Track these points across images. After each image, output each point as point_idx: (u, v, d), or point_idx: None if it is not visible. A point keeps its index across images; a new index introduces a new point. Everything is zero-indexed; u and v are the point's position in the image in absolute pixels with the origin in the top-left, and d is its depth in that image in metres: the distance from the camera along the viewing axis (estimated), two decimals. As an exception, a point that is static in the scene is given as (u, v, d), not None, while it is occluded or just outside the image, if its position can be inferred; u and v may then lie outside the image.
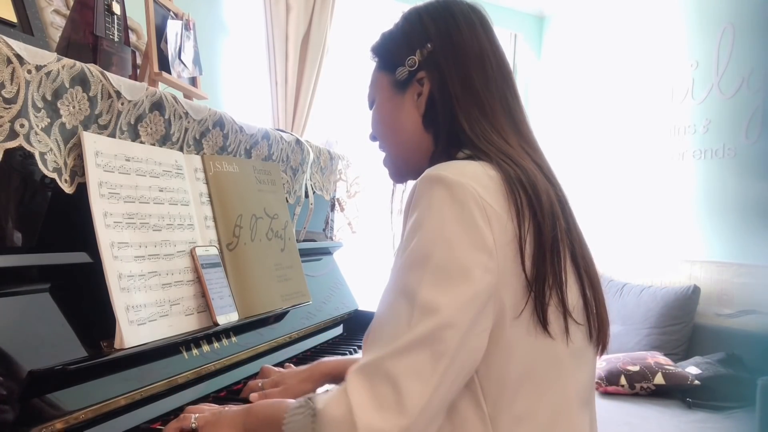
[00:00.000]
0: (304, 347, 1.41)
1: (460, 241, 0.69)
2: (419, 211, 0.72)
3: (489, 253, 0.69)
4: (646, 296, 3.18)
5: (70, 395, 0.79)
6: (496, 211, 0.71)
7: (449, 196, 0.71)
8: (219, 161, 1.20)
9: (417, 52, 0.86)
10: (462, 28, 0.86)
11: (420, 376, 0.65)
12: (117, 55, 1.11)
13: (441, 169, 0.74)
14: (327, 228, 1.90)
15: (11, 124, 0.78)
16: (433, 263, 0.68)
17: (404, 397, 0.65)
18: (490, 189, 0.72)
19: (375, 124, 0.94)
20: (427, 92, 0.85)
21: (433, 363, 0.66)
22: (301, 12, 2.85)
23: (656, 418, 2.42)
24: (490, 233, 0.70)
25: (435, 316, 0.67)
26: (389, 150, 0.93)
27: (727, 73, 3.13)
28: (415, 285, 0.69)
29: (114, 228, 0.90)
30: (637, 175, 3.56)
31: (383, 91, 0.91)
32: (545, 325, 0.72)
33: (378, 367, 0.67)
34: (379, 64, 0.93)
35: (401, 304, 0.69)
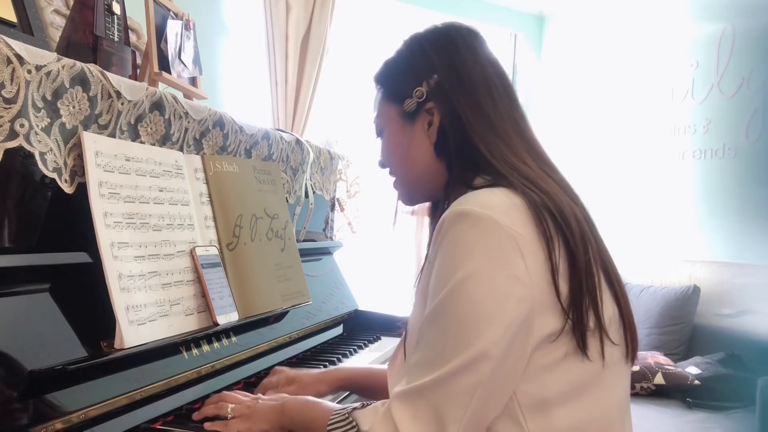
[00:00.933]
0: (304, 347, 1.41)
1: (492, 275, 0.71)
2: (448, 247, 0.74)
3: (522, 284, 0.71)
4: (646, 296, 3.18)
5: (70, 395, 0.79)
6: (526, 238, 0.72)
7: (476, 232, 0.72)
8: (219, 161, 1.20)
9: (423, 83, 0.87)
10: (465, 55, 0.87)
11: (458, 403, 0.71)
12: (117, 55, 1.11)
13: (466, 203, 0.75)
14: (327, 228, 1.90)
15: (11, 124, 0.78)
16: (466, 299, 0.71)
17: (445, 420, 0.71)
18: (515, 218, 0.73)
19: (386, 154, 0.94)
20: (438, 122, 0.86)
21: (470, 391, 0.71)
22: (301, 12, 2.85)
23: (656, 418, 2.42)
24: (522, 263, 0.71)
25: (471, 349, 0.71)
26: (402, 179, 0.94)
27: (727, 73, 3.13)
28: (449, 321, 0.72)
29: (114, 228, 0.90)
30: (637, 175, 3.56)
31: (392, 123, 0.91)
32: (584, 350, 0.74)
33: (421, 393, 0.73)
34: (384, 95, 0.93)
35: (438, 338, 0.73)
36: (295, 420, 0.87)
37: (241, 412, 0.90)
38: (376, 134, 0.96)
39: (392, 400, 0.75)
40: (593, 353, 0.75)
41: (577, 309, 0.73)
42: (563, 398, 0.74)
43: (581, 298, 0.73)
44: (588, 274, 0.75)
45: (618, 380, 0.80)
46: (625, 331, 0.81)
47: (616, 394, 0.79)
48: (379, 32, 3.37)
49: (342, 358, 1.39)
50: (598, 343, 0.75)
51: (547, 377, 0.74)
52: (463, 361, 0.71)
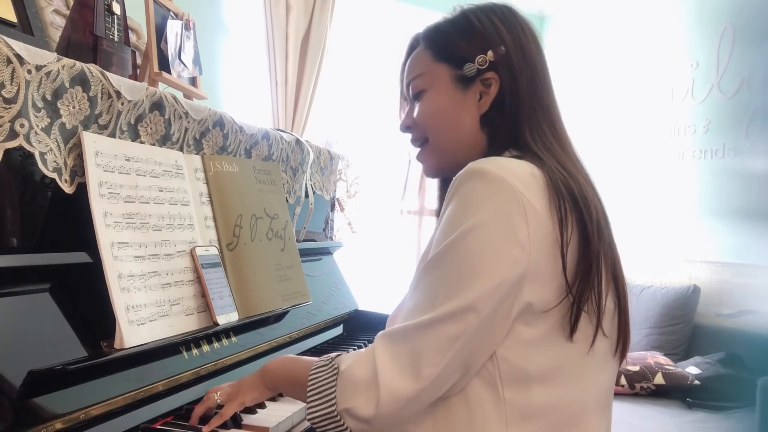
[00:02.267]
0: (304, 347, 1.41)
1: (493, 233, 0.72)
2: (458, 200, 0.75)
3: (521, 247, 0.72)
4: (646, 296, 3.18)
5: (70, 395, 0.79)
6: (535, 208, 0.73)
7: (488, 189, 0.73)
8: (219, 161, 1.19)
9: (489, 51, 0.85)
10: (528, 36, 0.88)
11: (438, 350, 0.72)
12: (117, 55, 1.11)
13: (484, 162, 0.76)
14: (327, 228, 1.90)
15: (11, 124, 0.78)
16: (464, 251, 0.73)
17: (423, 365, 0.72)
18: (530, 186, 0.74)
19: (426, 116, 0.89)
20: (495, 93, 0.85)
21: (452, 340, 0.72)
22: (301, 12, 2.85)
23: (656, 418, 2.41)
24: (525, 228, 0.72)
25: (459, 299, 0.72)
26: (440, 144, 0.90)
27: (727, 73, 3.13)
28: (446, 269, 0.74)
29: (114, 228, 0.90)
30: (637, 175, 3.56)
31: (441, 84, 0.88)
32: (572, 332, 0.75)
33: (404, 336, 0.75)
34: (437, 54, 0.88)
35: (432, 284, 0.75)
36: (279, 375, 0.89)
37: (228, 393, 0.93)
38: (411, 96, 0.92)
39: (377, 340, 0.77)
40: (580, 337, 0.75)
41: (581, 290, 0.74)
42: (542, 375, 0.75)
43: (587, 280, 0.74)
44: (598, 263, 0.76)
45: (601, 372, 0.80)
46: (619, 328, 0.82)
47: (596, 383, 0.80)
48: (379, 32, 3.37)
49: (342, 358, 1.39)
50: (591, 330, 0.76)
51: (531, 351, 0.75)
52: (451, 309, 0.72)
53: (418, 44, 0.92)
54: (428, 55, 0.89)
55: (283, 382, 0.89)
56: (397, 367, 0.73)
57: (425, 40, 0.91)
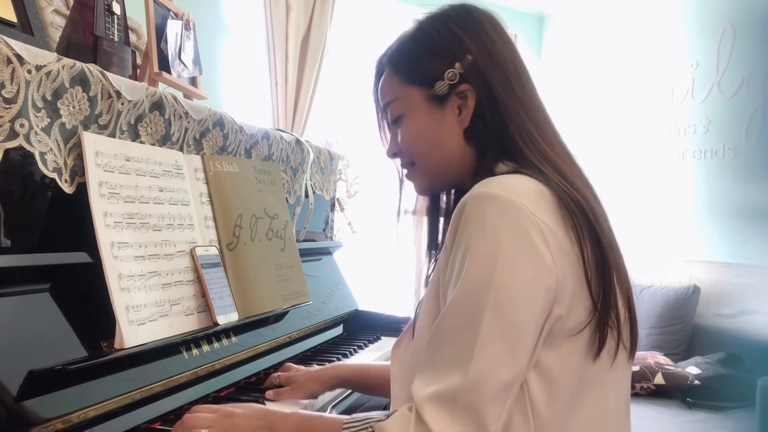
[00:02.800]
0: (304, 347, 1.41)
1: (520, 261, 0.68)
2: (471, 231, 0.70)
3: (549, 272, 0.69)
4: (646, 296, 3.18)
5: (70, 395, 0.79)
6: (551, 228, 0.70)
7: (501, 215, 0.69)
8: (219, 161, 1.19)
9: (456, 63, 0.81)
10: (492, 36, 0.83)
11: (498, 401, 0.68)
12: (117, 55, 1.11)
13: (489, 186, 0.72)
14: (327, 228, 1.90)
15: (11, 124, 0.78)
16: (495, 285, 0.68)
17: (487, 423, 0.67)
18: (541, 206, 0.71)
19: (408, 142, 0.86)
20: (473, 105, 0.81)
21: (508, 386, 0.68)
22: (301, 12, 2.85)
23: (656, 418, 2.41)
24: (548, 251, 0.69)
25: (506, 340, 0.67)
26: (427, 167, 0.87)
27: (727, 73, 3.13)
28: (479, 309, 0.68)
29: (114, 228, 0.90)
30: (637, 175, 3.56)
31: (417, 107, 0.85)
32: (600, 349, 0.72)
33: (456, 396, 0.67)
34: (404, 78, 0.86)
35: (466, 328, 0.69)
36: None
37: None
38: (390, 122, 0.89)
39: (422, 405, 0.69)
40: (604, 353, 0.73)
41: (605, 307, 0.72)
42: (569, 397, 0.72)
43: (609, 297, 0.72)
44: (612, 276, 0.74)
45: (621, 380, 0.80)
46: (632, 335, 0.81)
47: (618, 393, 0.79)
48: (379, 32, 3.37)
49: (342, 358, 1.39)
50: (614, 344, 0.74)
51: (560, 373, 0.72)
52: (500, 352, 0.67)
53: (384, 69, 0.90)
54: (397, 79, 0.86)
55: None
56: (458, 430, 0.67)
57: (391, 65, 0.88)
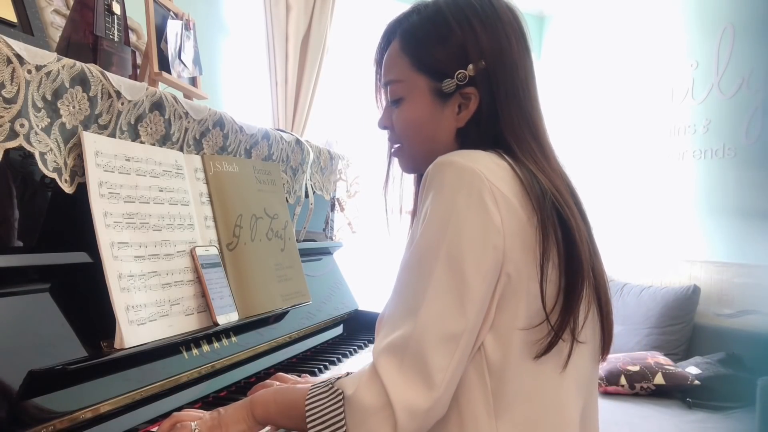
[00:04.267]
0: (304, 347, 1.41)
1: (471, 220, 0.72)
2: (432, 194, 0.75)
3: (497, 232, 0.72)
4: (646, 296, 3.18)
5: (70, 395, 0.79)
6: (504, 194, 0.73)
7: (458, 179, 0.73)
8: (219, 161, 1.20)
9: (469, 66, 0.81)
10: (512, 42, 0.83)
11: (445, 350, 0.70)
12: (117, 55, 1.11)
13: (451, 155, 0.76)
14: (327, 228, 1.90)
15: (11, 124, 0.78)
16: (447, 241, 0.72)
17: (432, 371, 0.69)
18: (498, 175, 0.74)
19: (402, 125, 0.88)
20: (474, 109, 0.82)
21: (455, 338, 0.70)
22: (301, 12, 2.85)
23: (656, 418, 2.42)
24: (498, 213, 0.72)
25: (453, 293, 0.70)
26: (413, 152, 0.89)
27: (727, 73, 3.13)
28: (430, 263, 0.72)
29: (114, 228, 0.90)
30: (637, 175, 3.56)
31: (419, 96, 0.85)
32: (542, 354, 0.74)
33: (405, 345, 0.71)
34: (416, 64, 0.85)
35: (418, 281, 0.73)
36: (270, 408, 0.81)
37: (209, 426, 0.81)
38: (390, 100, 0.89)
39: (377, 356, 0.73)
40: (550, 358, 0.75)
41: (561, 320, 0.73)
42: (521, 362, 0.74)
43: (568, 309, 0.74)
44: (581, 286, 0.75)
45: (579, 360, 0.79)
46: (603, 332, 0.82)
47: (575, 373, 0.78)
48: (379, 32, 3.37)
49: (342, 358, 1.39)
50: (565, 356, 0.76)
51: (509, 341, 0.74)
52: (446, 304, 0.70)
53: (393, 38, 0.88)
54: (406, 62, 0.85)
55: (276, 412, 0.80)
56: (406, 380, 0.70)
57: (403, 41, 0.86)
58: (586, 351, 0.80)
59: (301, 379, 1.09)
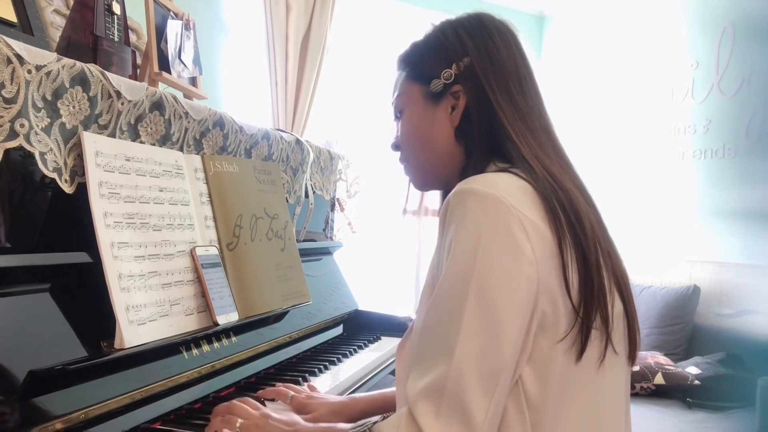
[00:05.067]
0: (304, 347, 1.41)
1: (500, 252, 0.69)
2: (454, 225, 0.72)
3: (529, 263, 0.69)
4: (646, 296, 3.18)
5: (70, 395, 0.79)
6: (532, 221, 0.71)
7: (482, 209, 0.71)
8: (219, 161, 1.19)
9: (453, 65, 0.85)
10: (498, 43, 0.86)
11: (483, 391, 0.67)
12: (117, 55, 1.11)
13: (471, 182, 0.74)
14: (327, 228, 1.90)
15: (11, 124, 0.78)
16: (476, 277, 0.69)
17: (472, 414, 0.66)
18: (522, 200, 0.72)
19: (404, 135, 0.91)
20: (463, 105, 0.85)
21: (494, 376, 0.68)
22: (301, 12, 2.85)
23: (656, 418, 2.42)
24: (528, 243, 0.69)
25: (486, 331, 0.68)
26: (419, 161, 0.91)
27: (728, 73, 3.13)
28: (461, 301, 0.69)
29: (114, 228, 0.90)
30: (637, 175, 3.56)
31: (415, 103, 0.89)
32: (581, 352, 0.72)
33: (441, 387, 0.68)
34: (409, 74, 0.91)
35: (449, 320, 0.70)
36: None
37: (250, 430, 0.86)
38: (395, 116, 0.94)
39: (412, 400, 0.70)
40: (590, 355, 0.73)
41: (587, 310, 0.72)
42: (561, 389, 0.72)
43: (592, 299, 0.72)
44: (599, 276, 0.74)
45: (613, 384, 0.78)
46: (629, 334, 0.81)
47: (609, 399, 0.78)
48: (379, 32, 3.37)
49: (342, 358, 1.39)
50: (601, 347, 0.74)
51: (550, 367, 0.72)
52: (482, 343, 0.67)
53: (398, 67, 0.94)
54: (404, 75, 0.91)
55: None
56: (445, 425, 0.67)
57: (401, 62, 0.93)
58: (620, 361, 0.79)
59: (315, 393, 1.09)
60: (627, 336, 0.81)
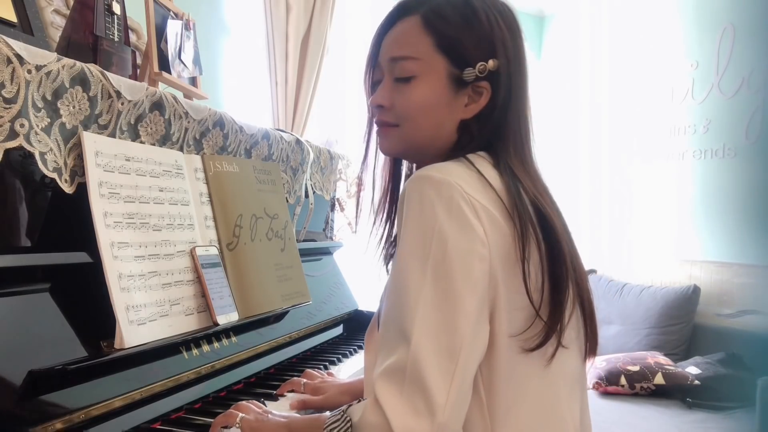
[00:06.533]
0: (304, 347, 1.41)
1: (454, 232, 0.70)
2: (410, 209, 0.73)
3: (482, 243, 0.71)
4: (646, 296, 3.18)
5: (70, 395, 0.79)
6: (484, 205, 0.72)
7: (437, 194, 0.72)
8: (219, 161, 1.19)
9: (491, 60, 0.80)
10: (524, 49, 0.84)
11: (443, 371, 0.67)
12: (117, 55, 1.11)
13: (428, 169, 0.75)
14: (327, 228, 1.90)
15: (11, 124, 0.78)
16: (432, 257, 0.70)
17: (433, 394, 0.67)
18: (475, 187, 0.74)
19: (410, 107, 0.83)
20: (485, 103, 0.82)
21: (454, 355, 0.68)
22: (301, 12, 2.85)
23: (656, 418, 2.41)
24: (480, 225, 0.71)
25: (445, 308, 0.69)
26: (411, 135, 0.84)
27: (727, 73, 3.13)
28: (417, 281, 0.70)
29: (114, 228, 0.90)
30: (637, 175, 3.56)
31: (436, 79, 0.82)
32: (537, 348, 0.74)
33: (402, 369, 0.68)
34: (438, 43, 0.81)
35: (407, 301, 0.70)
36: None
37: (249, 425, 0.87)
38: (397, 76, 0.83)
39: (376, 382, 0.70)
40: (538, 353, 0.75)
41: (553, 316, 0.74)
42: (510, 371, 0.74)
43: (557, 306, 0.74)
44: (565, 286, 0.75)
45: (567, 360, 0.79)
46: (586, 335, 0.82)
47: (563, 371, 0.79)
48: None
49: (342, 358, 1.39)
50: (554, 347, 0.75)
51: (496, 349, 0.73)
52: (440, 321, 0.68)
53: (410, 14, 0.83)
54: (428, 40, 0.81)
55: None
56: (407, 405, 0.67)
57: (426, 19, 0.82)
58: (572, 352, 0.80)
59: (327, 377, 1.15)
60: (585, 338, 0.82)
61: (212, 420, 0.91)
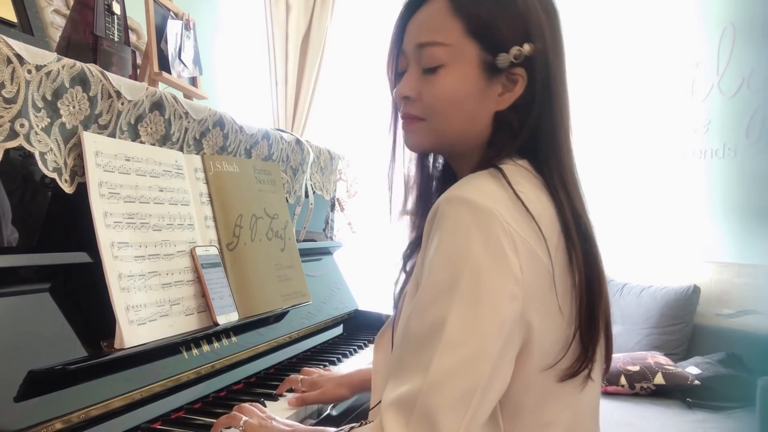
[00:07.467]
0: (304, 347, 1.41)
1: (488, 268, 0.65)
2: (443, 233, 0.68)
3: (516, 281, 0.66)
4: (646, 296, 3.18)
5: (70, 395, 0.79)
6: (524, 238, 0.67)
7: (475, 221, 0.66)
8: (219, 161, 1.19)
9: (526, 45, 0.73)
10: (561, 29, 0.77)
11: (456, 411, 0.64)
12: (117, 55, 1.11)
13: (465, 190, 0.69)
14: (327, 228, 1.90)
15: (11, 124, 0.78)
16: (461, 291, 0.65)
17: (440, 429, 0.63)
18: (514, 215, 0.67)
19: (439, 99, 0.75)
20: (521, 92, 0.75)
21: (468, 396, 0.64)
22: (301, 12, 2.85)
23: (656, 418, 2.41)
24: (516, 261, 0.66)
25: (465, 346, 0.65)
26: (441, 129, 0.77)
27: (728, 73, 3.13)
28: (443, 313, 0.65)
29: (114, 228, 0.90)
30: (637, 176, 3.56)
31: (467, 66, 0.74)
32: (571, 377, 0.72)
33: (413, 402, 0.65)
34: (469, 27, 0.74)
35: (429, 332, 0.66)
36: None
37: (253, 430, 0.85)
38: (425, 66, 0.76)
39: (384, 409, 0.67)
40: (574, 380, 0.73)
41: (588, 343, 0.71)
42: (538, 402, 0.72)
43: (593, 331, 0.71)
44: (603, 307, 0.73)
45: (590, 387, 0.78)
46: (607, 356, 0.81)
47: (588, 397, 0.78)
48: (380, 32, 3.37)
49: (342, 358, 1.39)
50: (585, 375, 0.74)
51: (527, 384, 0.71)
52: (458, 360, 0.64)
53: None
54: (458, 24, 0.74)
55: None
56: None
57: (455, 1, 0.74)
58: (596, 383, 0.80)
59: (324, 372, 1.15)
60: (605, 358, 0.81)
61: (212, 420, 0.91)
